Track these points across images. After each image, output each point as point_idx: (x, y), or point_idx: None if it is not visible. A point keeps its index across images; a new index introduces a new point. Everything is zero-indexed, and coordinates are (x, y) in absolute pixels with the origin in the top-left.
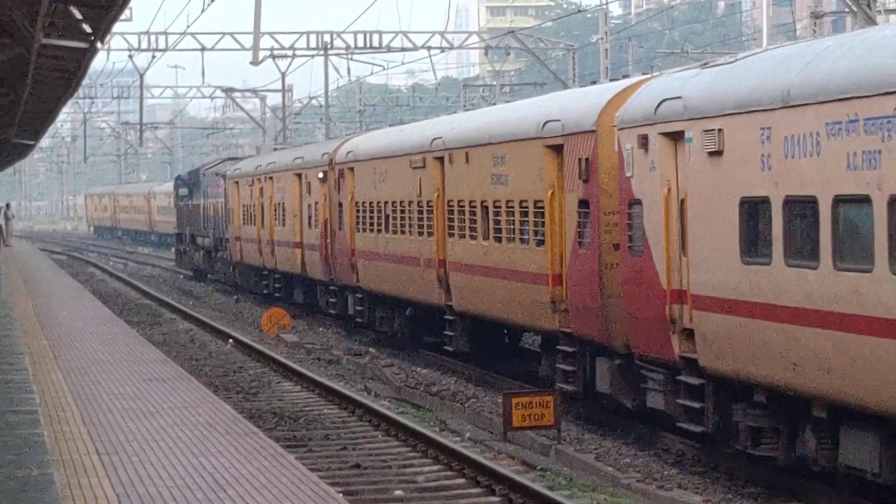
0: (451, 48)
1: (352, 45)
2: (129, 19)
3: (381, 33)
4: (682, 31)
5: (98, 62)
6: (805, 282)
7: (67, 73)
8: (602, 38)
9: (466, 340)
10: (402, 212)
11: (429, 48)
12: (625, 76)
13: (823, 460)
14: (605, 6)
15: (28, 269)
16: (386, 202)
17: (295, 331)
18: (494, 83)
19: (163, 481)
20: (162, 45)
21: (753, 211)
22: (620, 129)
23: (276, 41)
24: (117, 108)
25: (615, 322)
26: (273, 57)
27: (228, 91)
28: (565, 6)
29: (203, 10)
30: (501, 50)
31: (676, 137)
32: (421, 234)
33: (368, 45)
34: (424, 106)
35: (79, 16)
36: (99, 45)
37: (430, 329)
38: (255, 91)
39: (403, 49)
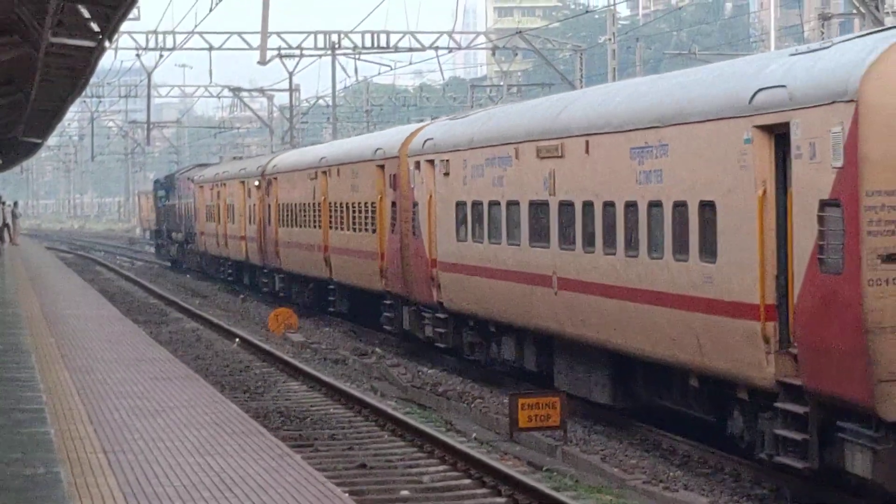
0: (459, 48)
1: (359, 44)
2: (137, 18)
3: (388, 33)
4: (690, 32)
5: (106, 61)
6: (479, 250)
7: (75, 72)
8: (610, 39)
9: (345, 303)
10: (305, 211)
11: (436, 48)
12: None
13: (500, 360)
14: (612, 7)
15: (35, 268)
16: (296, 204)
17: (301, 330)
18: (502, 84)
19: (169, 480)
20: (170, 44)
21: (461, 210)
22: (409, 156)
23: (284, 41)
24: (125, 107)
25: (409, 282)
26: (280, 56)
27: (236, 90)
28: (573, 7)
29: (211, 10)
30: (509, 50)
31: (433, 163)
32: (315, 227)
33: (376, 45)
34: (431, 106)
35: (87, 14)
36: (107, 43)
37: (325, 297)
38: (262, 90)
39: (411, 49)
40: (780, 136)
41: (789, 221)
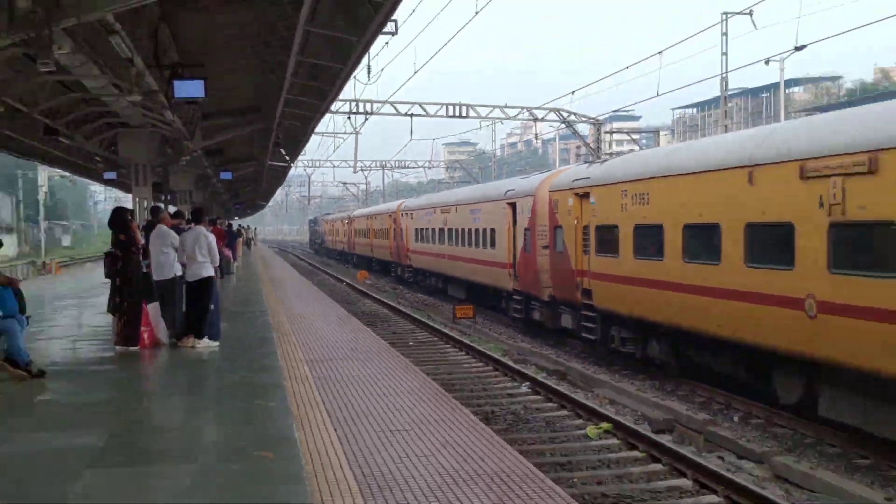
0: (430, 167)
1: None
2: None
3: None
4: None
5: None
6: (431, 247)
7: (279, 176)
8: (492, 164)
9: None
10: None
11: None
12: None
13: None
14: (496, 150)
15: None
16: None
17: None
18: (449, 181)
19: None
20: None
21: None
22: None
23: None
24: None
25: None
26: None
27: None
28: (479, 149)
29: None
30: (453, 167)
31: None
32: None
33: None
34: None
35: (283, 152)
36: (292, 164)
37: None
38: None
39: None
40: (514, 205)
41: (515, 235)
